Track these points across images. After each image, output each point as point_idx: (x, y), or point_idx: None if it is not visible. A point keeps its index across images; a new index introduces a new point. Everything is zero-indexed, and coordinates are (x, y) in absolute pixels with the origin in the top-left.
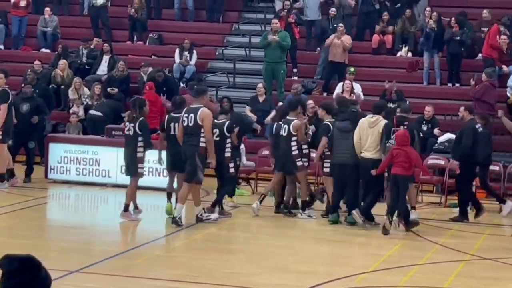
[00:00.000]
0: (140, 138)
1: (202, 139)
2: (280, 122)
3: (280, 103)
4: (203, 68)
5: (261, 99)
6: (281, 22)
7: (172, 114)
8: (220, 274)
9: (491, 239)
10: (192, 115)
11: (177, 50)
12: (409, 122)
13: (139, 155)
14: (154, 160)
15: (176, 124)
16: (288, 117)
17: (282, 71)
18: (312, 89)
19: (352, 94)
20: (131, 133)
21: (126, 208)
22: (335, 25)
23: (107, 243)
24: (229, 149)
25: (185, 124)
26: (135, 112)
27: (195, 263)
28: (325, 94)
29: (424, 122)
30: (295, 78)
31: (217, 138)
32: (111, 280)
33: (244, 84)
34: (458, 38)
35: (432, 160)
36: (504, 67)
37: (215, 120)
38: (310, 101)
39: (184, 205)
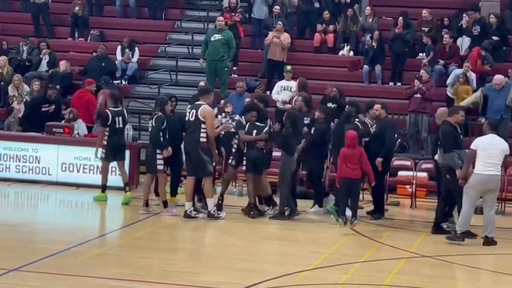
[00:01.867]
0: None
1: (202, 135)
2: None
3: (223, 101)
4: (145, 65)
5: None
6: (226, 20)
7: (113, 109)
8: (162, 272)
9: (430, 237)
10: (194, 111)
11: (119, 48)
12: None
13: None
14: (94, 158)
15: (121, 118)
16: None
17: (225, 69)
18: (255, 87)
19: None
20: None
21: (165, 204)
22: (278, 23)
23: (47, 241)
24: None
25: (186, 119)
26: (155, 110)
27: (137, 261)
28: (268, 92)
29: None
30: (235, 76)
31: None
32: (51, 278)
33: (187, 82)
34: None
35: None
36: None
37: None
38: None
39: (191, 202)
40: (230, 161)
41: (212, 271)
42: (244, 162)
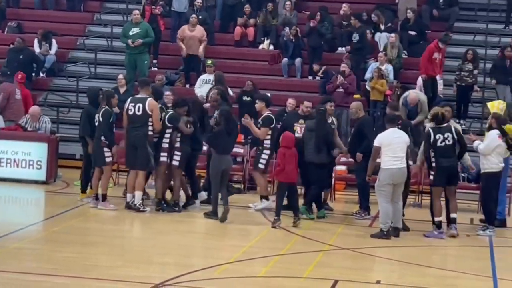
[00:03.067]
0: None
1: (150, 128)
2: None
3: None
4: (64, 58)
5: (122, 90)
6: (146, 13)
7: None
8: (80, 267)
9: (348, 230)
10: (140, 104)
11: (36, 40)
12: (401, 120)
13: (104, 143)
14: (12, 151)
15: None
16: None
17: (145, 62)
18: (174, 80)
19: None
20: (98, 123)
21: (103, 198)
22: (200, 17)
23: None
24: None
25: (131, 113)
26: (102, 103)
27: (54, 255)
28: (187, 86)
29: (285, 114)
30: (155, 69)
31: None
32: None
33: (106, 75)
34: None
35: None
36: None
37: None
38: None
39: (142, 192)
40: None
41: (131, 265)
42: (177, 158)
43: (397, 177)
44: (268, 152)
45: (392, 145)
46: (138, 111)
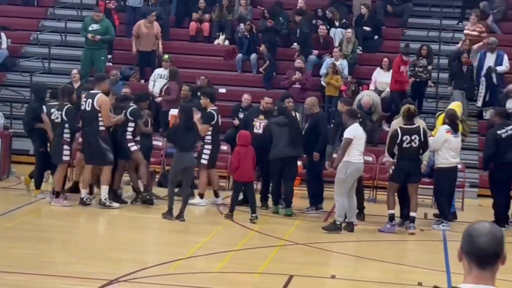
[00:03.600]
0: (66, 125)
1: (101, 123)
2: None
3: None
4: (17, 53)
5: (76, 85)
6: (100, 8)
7: None
8: (34, 263)
9: (303, 225)
10: (90, 100)
11: None
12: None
13: (65, 141)
14: None
15: None
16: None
17: (102, 58)
18: (129, 75)
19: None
20: (59, 120)
21: (57, 195)
22: (154, 12)
23: None
24: None
25: (83, 108)
26: (63, 100)
27: (8, 252)
28: (142, 81)
29: (241, 109)
30: (110, 64)
31: None
32: None
33: (60, 70)
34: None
35: None
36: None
37: None
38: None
39: (87, 189)
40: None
41: (85, 261)
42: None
43: (361, 172)
44: (209, 147)
45: (361, 139)
46: (88, 106)
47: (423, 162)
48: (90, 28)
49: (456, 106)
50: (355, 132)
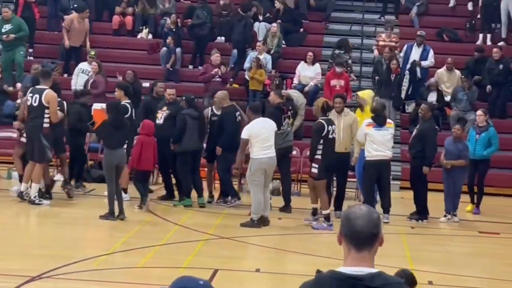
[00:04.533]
0: None
1: (46, 120)
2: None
3: (19, 84)
4: None
5: None
6: (20, 1)
7: None
8: None
9: (228, 219)
10: (37, 95)
11: None
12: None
13: None
14: None
15: None
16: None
17: (21, 52)
18: (51, 70)
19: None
20: None
21: None
22: (75, 5)
23: None
24: None
25: (28, 103)
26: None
27: None
28: (65, 75)
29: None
30: (31, 58)
31: None
32: None
33: None
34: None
35: None
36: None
37: None
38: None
39: (38, 184)
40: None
41: (7, 257)
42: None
43: (268, 166)
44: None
45: (261, 135)
46: (35, 102)
47: (354, 155)
48: (3, 30)
49: (365, 93)
50: (250, 130)
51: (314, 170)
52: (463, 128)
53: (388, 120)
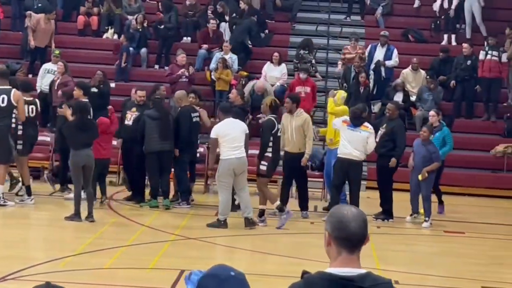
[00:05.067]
0: None
1: (14, 120)
2: None
3: None
4: None
5: None
6: None
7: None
8: None
9: (194, 219)
10: (4, 96)
11: None
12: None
13: None
14: None
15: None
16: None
17: None
18: (16, 70)
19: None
20: None
21: None
22: (39, 5)
23: None
24: None
25: None
26: None
27: None
28: (30, 75)
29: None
30: None
31: None
32: None
33: None
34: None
35: None
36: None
37: None
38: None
39: (3, 186)
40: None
41: None
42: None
43: (238, 167)
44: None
45: (229, 135)
46: (3, 102)
47: (304, 156)
48: None
49: (340, 92)
50: (217, 130)
51: (263, 168)
52: (430, 130)
53: (366, 124)
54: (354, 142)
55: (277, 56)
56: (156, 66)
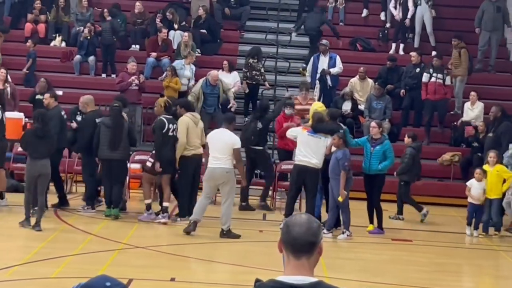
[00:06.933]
0: None
1: None
2: None
3: None
4: None
5: None
6: None
7: None
8: None
9: (143, 228)
10: None
11: None
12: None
13: None
14: None
15: None
16: None
17: None
18: None
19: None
20: None
21: None
22: None
23: None
24: None
25: None
26: None
27: None
28: None
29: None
30: None
31: None
32: None
33: None
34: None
35: None
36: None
37: None
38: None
39: None
40: None
41: None
42: None
43: (215, 177)
44: None
45: (210, 144)
46: None
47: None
48: None
49: (319, 106)
50: (207, 137)
51: (149, 164)
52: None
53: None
54: (314, 149)
55: (226, 64)
56: (104, 75)
